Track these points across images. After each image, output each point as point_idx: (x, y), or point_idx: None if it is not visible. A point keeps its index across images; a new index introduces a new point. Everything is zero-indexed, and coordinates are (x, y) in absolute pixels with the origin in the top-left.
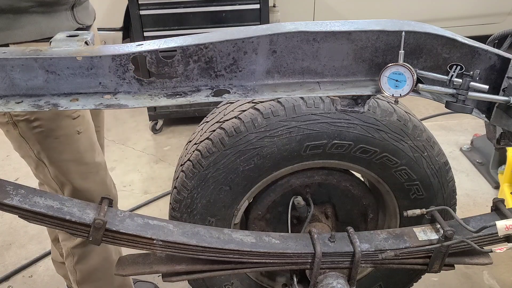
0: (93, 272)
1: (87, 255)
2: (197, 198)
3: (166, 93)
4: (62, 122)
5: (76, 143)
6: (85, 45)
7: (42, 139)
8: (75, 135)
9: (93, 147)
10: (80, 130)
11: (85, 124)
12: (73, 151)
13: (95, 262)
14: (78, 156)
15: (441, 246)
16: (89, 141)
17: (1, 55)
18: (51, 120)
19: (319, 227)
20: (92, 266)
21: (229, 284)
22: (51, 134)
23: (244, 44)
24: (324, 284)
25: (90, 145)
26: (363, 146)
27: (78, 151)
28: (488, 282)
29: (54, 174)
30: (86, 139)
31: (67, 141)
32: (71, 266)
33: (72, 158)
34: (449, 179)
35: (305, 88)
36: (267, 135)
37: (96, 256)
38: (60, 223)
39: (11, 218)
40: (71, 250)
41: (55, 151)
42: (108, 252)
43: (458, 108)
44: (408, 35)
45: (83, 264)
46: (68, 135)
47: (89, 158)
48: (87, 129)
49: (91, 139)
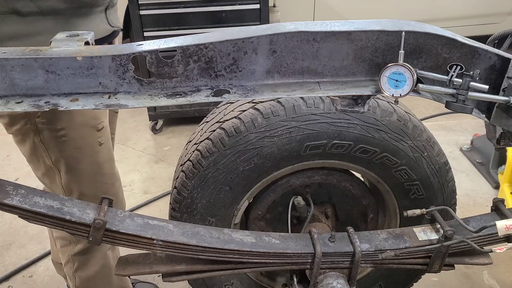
0: (92, 278)
1: (87, 262)
2: (197, 198)
3: (166, 93)
4: (86, 132)
5: (96, 154)
6: (85, 45)
7: (63, 147)
8: (97, 146)
9: (112, 158)
10: (102, 142)
11: (106, 135)
12: (92, 161)
13: (95, 269)
14: (96, 166)
15: (441, 246)
16: (109, 152)
17: (1, 55)
18: (76, 129)
19: (319, 227)
20: (91, 273)
21: (229, 284)
22: (74, 143)
23: (244, 44)
24: (324, 284)
25: (109, 156)
26: (363, 146)
27: (97, 161)
28: (488, 282)
29: (66, 181)
30: (106, 150)
31: (88, 151)
32: (70, 273)
33: (89, 168)
34: (449, 179)
35: (305, 88)
36: (267, 135)
37: (95, 263)
38: (60, 223)
39: (11, 218)
40: (71, 257)
41: (75, 160)
42: (107, 258)
43: (458, 108)
44: (408, 35)
45: (83, 271)
46: (90, 146)
47: (107, 169)
48: (108, 140)
49: (110, 150)
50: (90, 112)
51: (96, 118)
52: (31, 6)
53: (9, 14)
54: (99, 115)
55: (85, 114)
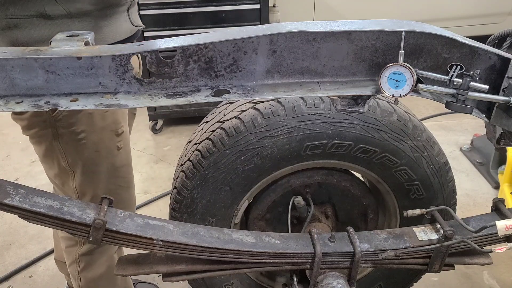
0: (97, 279)
1: (93, 263)
2: (197, 198)
3: (166, 93)
4: (105, 136)
5: (114, 157)
6: (85, 45)
7: (82, 150)
8: (115, 150)
9: (129, 163)
10: (121, 146)
11: (126, 139)
12: (109, 164)
13: (101, 270)
14: (113, 170)
15: (441, 246)
16: (126, 156)
17: (1, 55)
18: (96, 133)
19: (319, 227)
20: (97, 274)
21: (229, 284)
22: (93, 147)
23: (244, 44)
24: (324, 284)
25: (127, 160)
26: (363, 146)
27: (114, 165)
28: (488, 282)
29: (80, 183)
30: (124, 154)
31: (106, 155)
32: (75, 273)
33: (106, 171)
34: (449, 179)
35: (305, 88)
36: (267, 135)
37: (101, 264)
38: (60, 223)
39: (11, 218)
40: (78, 258)
41: (92, 163)
42: (114, 260)
43: (458, 108)
44: (408, 35)
45: (88, 272)
46: (109, 150)
47: (123, 173)
48: (127, 145)
49: (128, 155)
50: (111, 116)
51: (117, 122)
52: (59, 9)
53: (37, 17)
54: (119, 120)
55: (106, 118)
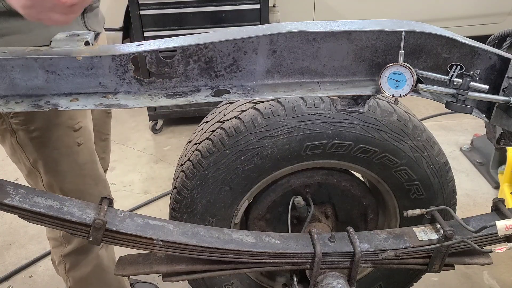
0: (86, 279)
1: (79, 263)
2: (197, 198)
3: (166, 93)
4: (62, 133)
5: (75, 154)
6: (85, 45)
7: (40, 148)
8: (75, 146)
9: (94, 159)
10: (81, 142)
11: (86, 135)
12: (71, 162)
13: (87, 270)
14: (77, 167)
15: (441, 246)
16: (90, 152)
17: (1, 55)
18: (51, 130)
19: (319, 227)
20: (84, 274)
21: (229, 284)
22: (50, 144)
23: (244, 44)
24: (324, 284)
25: (91, 157)
26: (363, 146)
27: (76, 162)
28: (488, 282)
29: (47, 183)
30: (86, 150)
31: (66, 152)
32: (63, 273)
33: (69, 169)
34: (449, 179)
35: (305, 88)
36: (267, 135)
37: (87, 263)
38: (60, 223)
39: (11, 218)
40: (62, 258)
41: (53, 161)
42: (100, 259)
43: (458, 108)
44: (408, 35)
45: (75, 271)
46: (68, 147)
47: (89, 170)
48: (88, 141)
49: (91, 151)
50: (66, 113)
51: (73, 118)
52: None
53: None
54: (75, 115)
55: (61, 115)
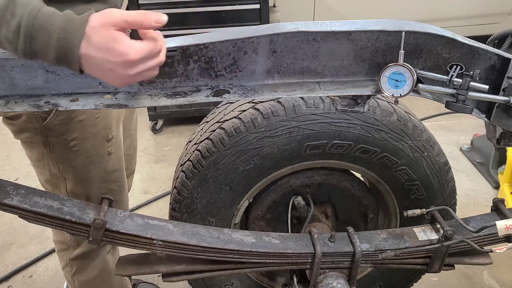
0: (91, 282)
1: (85, 267)
2: (197, 198)
3: (166, 93)
4: (97, 142)
5: (105, 163)
6: None
7: (73, 157)
8: (106, 155)
9: (121, 167)
10: (112, 151)
11: (117, 144)
12: (100, 170)
13: (94, 273)
14: (104, 174)
15: (441, 246)
16: (118, 161)
17: (1, 55)
18: (87, 140)
19: (319, 227)
20: (90, 277)
21: (229, 284)
22: (84, 153)
23: (244, 44)
24: (324, 284)
25: (118, 164)
26: (363, 146)
27: (105, 170)
28: (488, 282)
29: (72, 189)
30: (116, 159)
31: (97, 160)
32: (69, 276)
33: (98, 177)
34: (449, 179)
35: (305, 88)
36: (267, 135)
37: (94, 267)
38: (60, 223)
39: (11, 218)
40: (69, 262)
41: (84, 169)
42: (106, 262)
43: (458, 108)
44: (408, 35)
45: (81, 275)
46: (100, 156)
47: (115, 177)
48: (118, 149)
49: (120, 159)
50: (102, 122)
51: (108, 128)
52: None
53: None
54: (111, 125)
55: (98, 125)
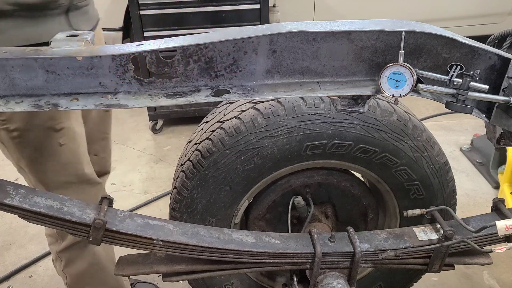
0: (82, 276)
1: (74, 260)
2: (197, 198)
3: (166, 93)
4: (42, 133)
5: (58, 155)
6: (85, 45)
7: (21, 148)
8: (57, 147)
9: (79, 159)
10: (63, 142)
11: (70, 136)
12: (54, 162)
13: (83, 267)
14: (59, 167)
15: (441, 246)
16: (73, 153)
17: (1, 55)
18: (30, 130)
19: (319, 227)
20: (80, 270)
21: (229, 284)
22: (31, 144)
23: (244, 44)
24: (324, 284)
25: (74, 157)
26: (363, 146)
27: (59, 162)
28: (488, 282)
29: (33, 183)
30: (69, 151)
31: (48, 152)
32: (60, 270)
33: (53, 169)
34: (449, 179)
35: (305, 88)
36: (267, 135)
37: (82, 260)
38: (60, 223)
39: (11, 218)
40: (58, 255)
41: (35, 161)
42: (96, 257)
43: (458, 108)
44: (408, 35)
45: (71, 268)
46: (49, 147)
47: (72, 170)
48: (72, 141)
49: (75, 151)
50: (46, 113)
51: (54, 119)
52: None
53: None
54: (57, 116)
55: (40, 115)
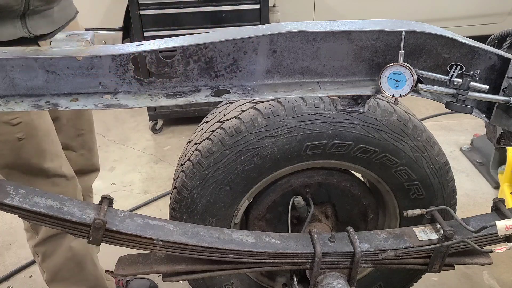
0: (59, 271)
1: (50, 254)
2: (197, 198)
3: (166, 93)
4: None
5: (17, 149)
6: (85, 45)
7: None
8: (16, 141)
9: (42, 154)
10: (22, 137)
11: (29, 130)
12: (14, 157)
13: (59, 262)
14: (21, 162)
15: (441, 246)
16: (36, 147)
17: (1, 55)
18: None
19: (319, 227)
20: (57, 265)
21: (229, 284)
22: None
23: (244, 44)
24: (324, 284)
25: (37, 151)
26: (363, 146)
27: (20, 157)
28: (488, 282)
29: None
30: (30, 145)
31: (6, 147)
32: (39, 266)
33: (13, 164)
34: (449, 179)
35: (305, 88)
36: (267, 135)
37: (58, 255)
38: (60, 223)
39: (11, 218)
40: (34, 249)
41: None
42: (72, 252)
43: (458, 108)
44: (408, 35)
45: (48, 263)
46: (7, 141)
47: (35, 165)
48: (33, 136)
49: (37, 145)
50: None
51: (10, 113)
52: None
53: None
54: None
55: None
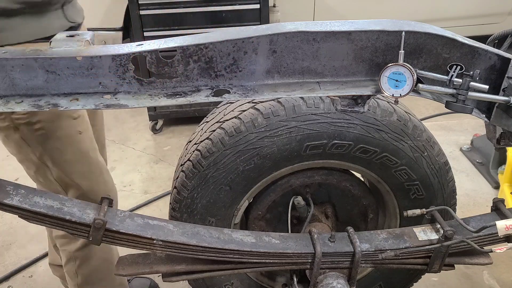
0: (95, 274)
1: (90, 258)
2: (197, 198)
3: (166, 93)
4: (63, 123)
5: (78, 143)
6: (85, 45)
7: (44, 140)
8: (77, 135)
9: (95, 147)
10: (81, 131)
11: (85, 124)
12: (75, 151)
13: (97, 264)
14: (81, 156)
15: (441, 246)
16: (90, 141)
17: (1, 55)
18: (52, 121)
19: (319, 227)
20: (93, 268)
21: (229, 284)
22: (53, 135)
23: (244, 44)
24: (324, 284)
25: (92, 144)
26: (363, 146)
27: (80, 151)
28: (488, 282)
29: (57, 175)
30: (87, 139)
31: (69, 141)
32: (72, 271)
33: (75, 158)
34: (449, 179)
35: (305, 88)
36: (267, 135)
37: (97, 257)
38: (60, 223)
39: (11, 218)
40: (73, 254)
41: (58, 152)
42: (110, 252)
43: (458, 108)
44: (408, 35)
45: (85, 268)
46: (70, 136)
47: (92, 158)
48: (88, 129)
49: (92, 138)
50: None
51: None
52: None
53: None
54: None
55: None
